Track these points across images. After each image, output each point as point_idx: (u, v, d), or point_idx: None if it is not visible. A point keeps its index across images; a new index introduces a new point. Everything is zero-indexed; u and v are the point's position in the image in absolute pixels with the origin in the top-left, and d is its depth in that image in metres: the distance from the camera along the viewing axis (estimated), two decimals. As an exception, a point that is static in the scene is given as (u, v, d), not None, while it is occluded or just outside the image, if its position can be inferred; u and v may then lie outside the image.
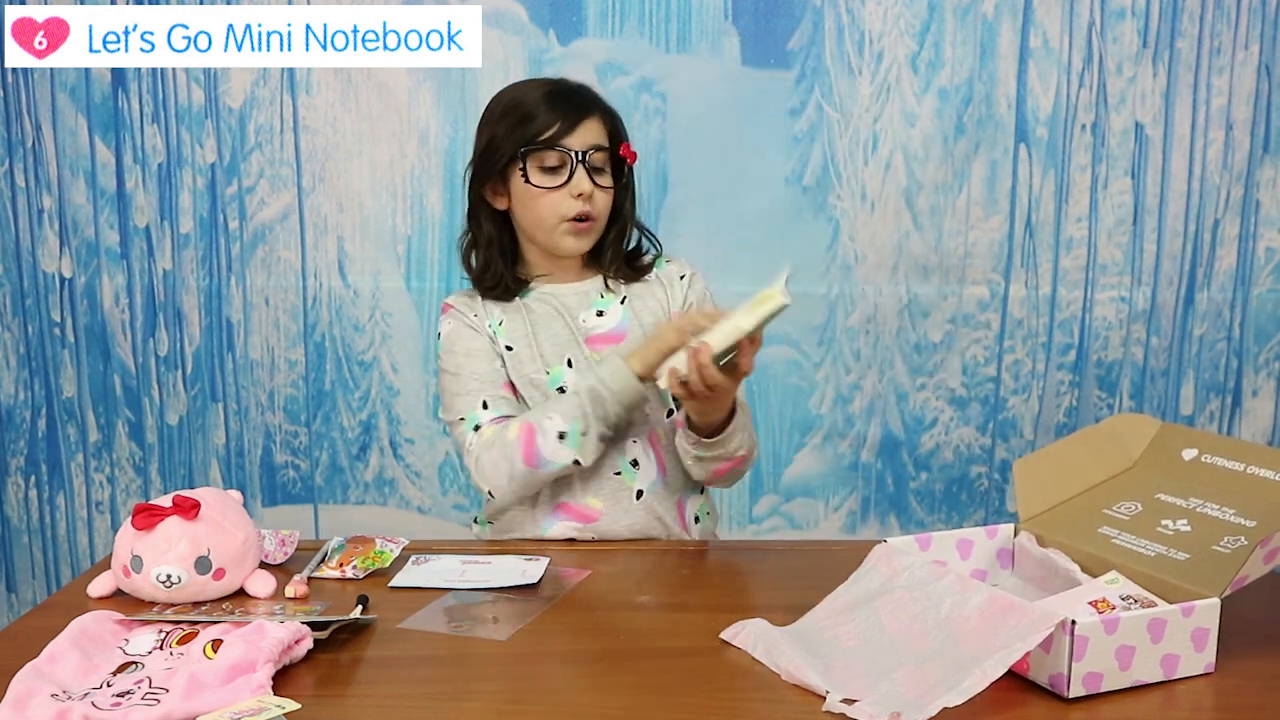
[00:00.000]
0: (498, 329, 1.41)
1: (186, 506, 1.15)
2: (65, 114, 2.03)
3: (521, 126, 1.35)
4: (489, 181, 1.39)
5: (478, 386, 1.38)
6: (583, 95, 1.40)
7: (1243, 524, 1.07)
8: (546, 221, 1.37)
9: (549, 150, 1.34)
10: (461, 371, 1.39)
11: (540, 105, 1.35)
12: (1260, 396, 2.08)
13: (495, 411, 1.37)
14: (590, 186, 1.36)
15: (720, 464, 1.35)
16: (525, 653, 1.04)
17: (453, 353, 1.41)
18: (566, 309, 1.42)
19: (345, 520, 2.11)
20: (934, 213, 2.03)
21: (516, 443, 1.32)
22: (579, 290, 1.44)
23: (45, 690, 0.93)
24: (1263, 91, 1.99)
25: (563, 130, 1.34)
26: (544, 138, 1.34)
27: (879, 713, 0.88)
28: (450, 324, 1.43)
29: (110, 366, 2.11)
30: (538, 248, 1.42)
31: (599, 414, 1.31)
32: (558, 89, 1.38)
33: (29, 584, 2.20)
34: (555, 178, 1.35)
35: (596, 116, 1.38)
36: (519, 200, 1.38)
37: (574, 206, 1.36)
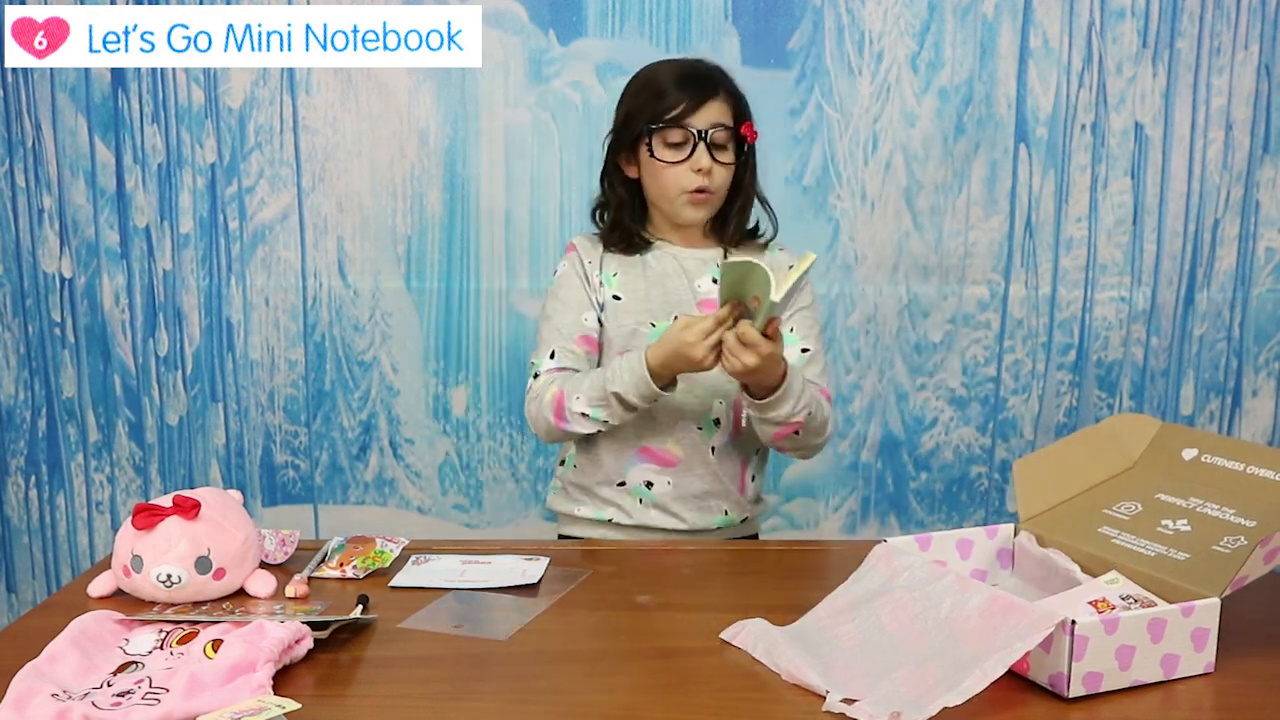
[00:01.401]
0: (609, 279, 1.51)
1: (187, 506, 1.15)
2: (65, 114, 2.03)
3: (652, 104, 1.45)
4: (622, 151, 1.49)
5: (554, 336, 1.49)
6: (711, 77, 1.48)
7: (1243, 524, 1.07)
8: (669, 192, 1.47)
9: (674, 128, 1.44)
10: (552, 317, 1.51)
11: (671, 85, 1.45)
12: (1260, 396, 2.08)
13: (557, 363, 1.48)
14: (709, 162, 1.44)
15: (776, 428, 1.41)
16: (525, 653, 1.04)
17: (554, 296, 1.52)
18: (685, 271, 1.51)
19: (345, 520, 2.11)
20: (934, 213, 2.03)
21: (550, 404, 1.44)
22: (699, 256, 1.53)
23: (45, 690, 0.93)
24: (1263, 91, 1.99)
25: (688, 109, 1.44)
26: (670, 116, 1.44)
27: (879, 713, 0.88)
28: (565, 265, 1.54)
29: (110, 366, 2.11)
30: (662, 215, 1.52)
31: (624, 408, 1.41)
32: (690, 70, 1.48)
33: (29, 584, 2.20)
34: (678, 153, 1.44)
35: (722, 97, 1.47)
36: (647, 171, 1.48)
37: (694, 180, 1.45)
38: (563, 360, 1.48)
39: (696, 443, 1.49)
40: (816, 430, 1.45)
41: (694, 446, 1.49)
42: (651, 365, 1.37)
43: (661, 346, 1.36)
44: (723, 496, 1.51)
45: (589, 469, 1.52)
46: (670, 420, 1.48)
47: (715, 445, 1.50)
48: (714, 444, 1.50)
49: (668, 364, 1.36)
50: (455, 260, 2.06)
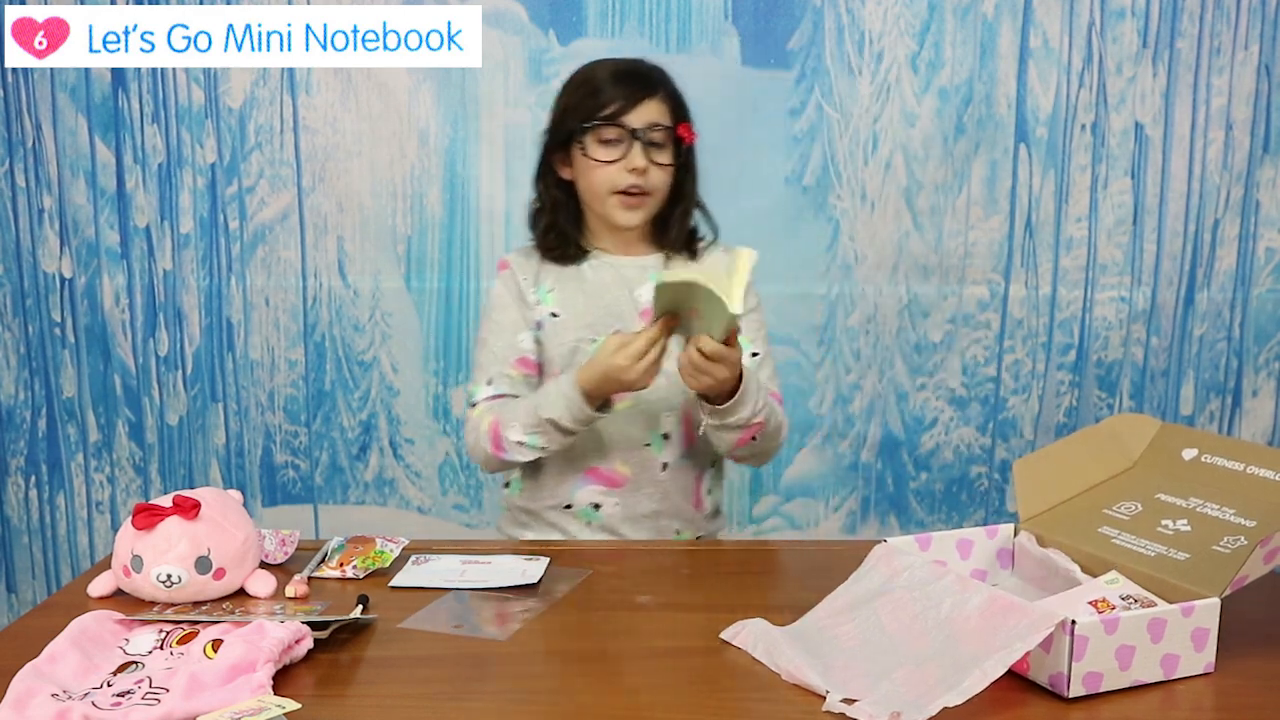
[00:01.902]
0: (545, 296, 1.47)
1: (186, 506, 1.15)
2: (65, 114, 2.03)
3: (587, 102, 1.41)
4: (557, 152, 1.45)
5: (490, 361, 1.46)
6: (650, 75, 1.44)
7: (1243, 524, 1.07)
8: (599, 192, 1.42)
9: (608, 125, 1.40)
10: (487, 342, 1.47)
11: (607, 82, 1.41)
12: (1260, 396, 2.08)
13: (494, 390, 1.44)
14: (644, 162, 1.40)
15: (738, 433, 1.36)
16: (525, 653, 1.04)
17: (487, 318, 1.49)
18: (625, 280, 1.47)
19: (345, 520, 2.11)
20: (934, 213, 2.03)
21: (487, 435, 1.41)
22: (639, 264, 1.48)
23: (45, 690, 0.93)
24: (1263, 91, 1.99)
25: (623, 107, 1.40)
26: (605, 114, 1.40)
27: (879, 713, 0.88)
28: (498, 285, 1.50)
29: (110, 366, 2.11)
30: (597, 218, 1.47)
31: (560, 433, 1.37)
32: (627, 68, 1.44)
33: (29, 584, 2.20)
34: (612, 151, 1.40)
35: (660, 96, 1.42)
36: (579, 171, 1.44)
37: (626, 179, 1.40)
38: (500, 387, 1.44)
39: (645, 460, 1.45)
40: (773, 433, 1.42)
41: (642, 465, 1.45)
42: (584, 388, 1.33)
43: (592, 369, 1.32)
44: (674, 515, 1.47)
45: (534, 492, 1.48)
46: (617, 438, 1.43)
47: (666, 461, 1.46)
48: (665, 460, 1.46)
49: (600, 387, 1.32)
50: (455, 260, 2.06)
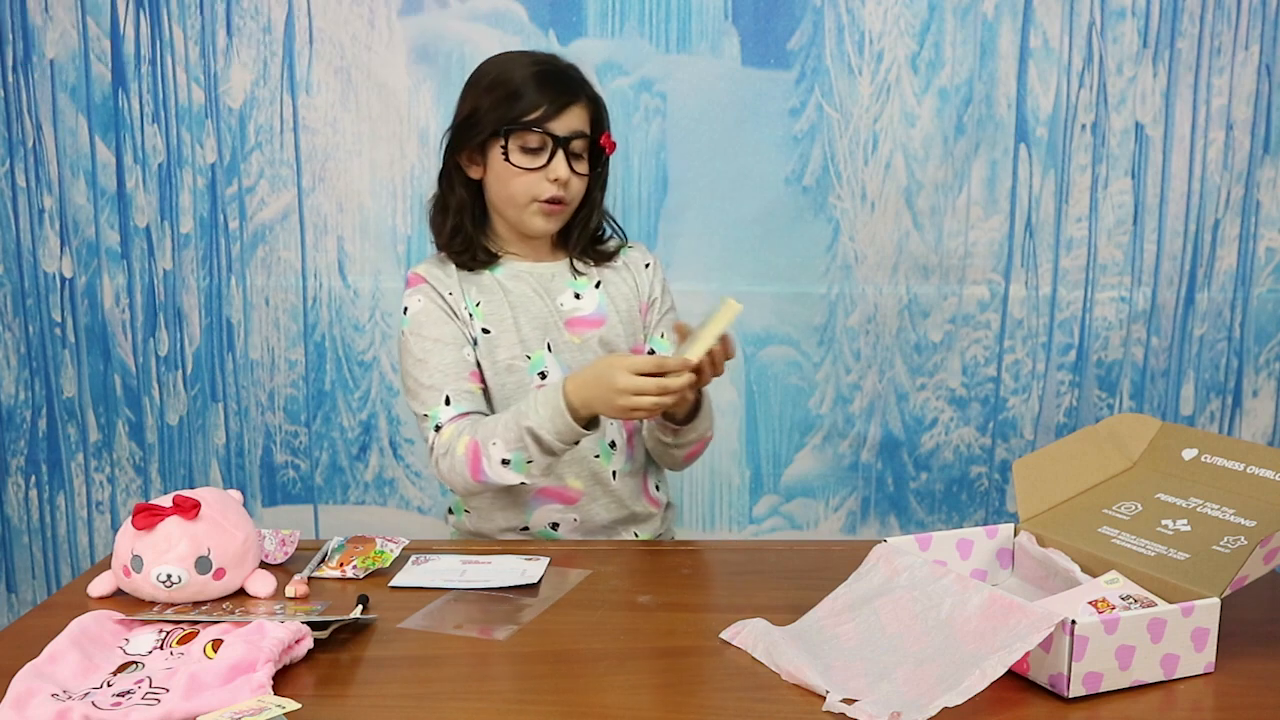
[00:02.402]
0: (475, 310, 1.41)
1: (186, 506, 1.15)
2: (65, 114, 2.03)
3: (507, 103, 1.35)
4: (466, 149, 1.40)
5: (442, 379, 1.37)
6: (571, 79, 1.39)
7: (1243, 524, 1.07)
8: (518, 200, 1.38)
9: (532, 132, 1.35)
10: (429, 360, 1.38)
11: (529, 84, 1.35)
12: (1260, 396, 2.08)
13: (456, 409, 1.36)
14: (567, 173, 1.37)
15: (691, 447, 1.41)
16: (525, 653, 1.04)
17: (420, 336, 1.39)
18: (544, 290, 1.43)
19: (345, 520, 2.11)
20: (934, 213, 2.03)
21: (465, 458, 1.32)
22: (551, 270, 1.45)
23: (45, 690, 0.93)
24: (1263, 91, 1.99)
25: (548, 114, 1.35)
26: (529, 119, 1.35)
27: (879, 713, 0.88)
28: (420, 300, 1.41)
29: (110, 366, 2.11)
30: (506, 223, 1.43)
31: (541, 450, 1.30)
32: (548, 69, 1.38)
33: (29, 584, 2.20)
34: (535, 159, 1.36)
35: (583, 103, 1.38)
36: (494, 174, 1.38)
37: (548, 189, 1.37)
38: (463, 404, 1.36)
39: (596, 472, 1.43)
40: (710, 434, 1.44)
41: (594, 477, 1.43)
42: (570, 400, 1.27)
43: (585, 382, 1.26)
44: (630, 521, 1.47)
45: (485, 516, 1.45)
46: (567, 455, 1.37)
47: (616, 469, 1.45)
48: (614, 468, 1.44)
49: (589, 403, 1.26)
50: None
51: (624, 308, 1.46)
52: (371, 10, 1.98)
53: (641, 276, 1.49)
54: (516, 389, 1.40)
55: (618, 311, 1.45)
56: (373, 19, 1.98)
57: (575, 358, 1.43)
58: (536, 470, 1.32)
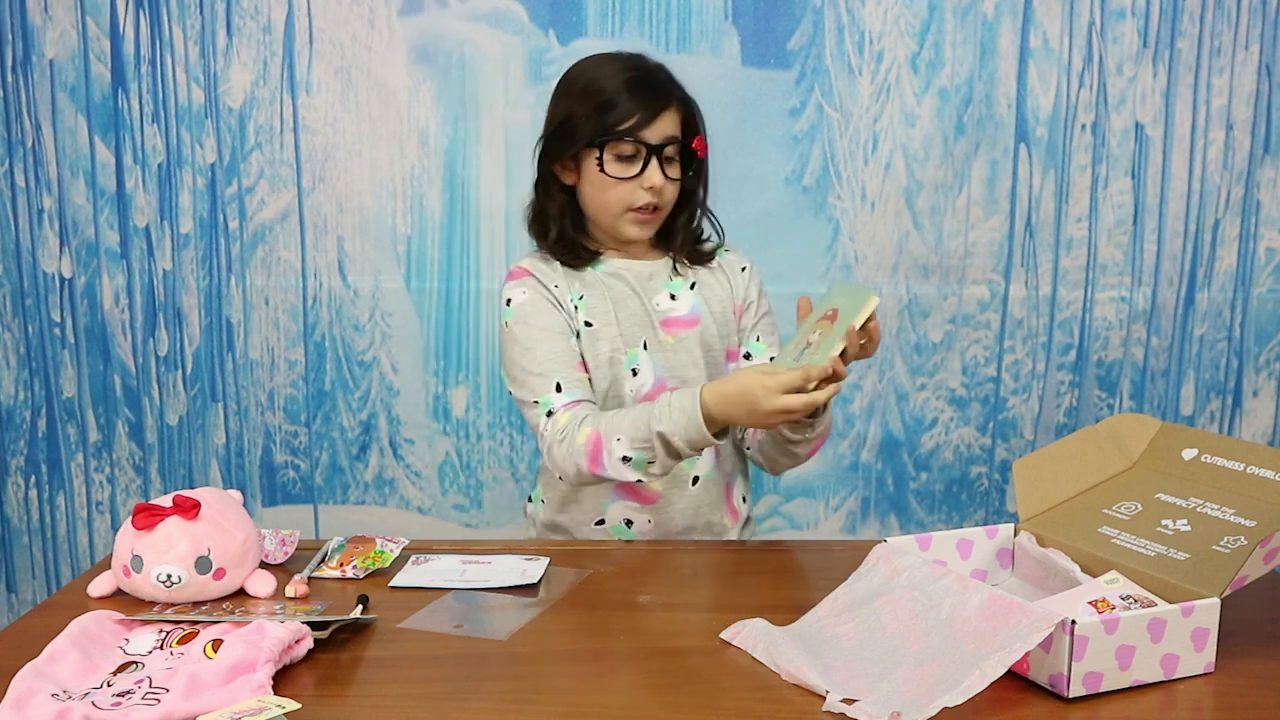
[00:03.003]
0: (579, 303, 1.42)
1: (186, 506, 1.15)
2: (65, 114, 2.03)
3: (600, 113, 1.35)
4: (560, 156, 1.40)
5: (552, 367, 1.36)
6: (662, 84, 1.40)
7: (1243, 524, 1.07)
8: (613, 208, 1.39)
9: (625, 141, 1.35)
10: (537, 348, 1.37)
11: (621, 93, 1.35)
12: (1260, 396, 2.08)
13: (569, 396, 1.35)
14: (662, 180, 1.37)
15: (816, 441, 1.38)
16: (525, 653, 1.05)
17: (528, 325, 1.39)
18: (641, 289, 1.44)
19: (345, 520, 2.11)
20: (934, 213, 2.03)
21: (584, 448, 1.31)
22: (650, 269, 1.46)
23: (45, 690, 0.93)
24: (1263, 91, 1.99)
25: (641, 122, 1.35)
26: (623, 128, 1.35)
27: (879, 713, 0.88)
28: (525, 292, 1.41)
29: (110, 366, 2.11)
30: (601, 228, 1.44)
31: (667, 453, 1.29)
32: (639, 75, 1.38)
33: (29, 584, 2.20)
34: (629, 168, 1.36)
35: (674, 107, 1.39)
36: (590, 183, 1.39)
37: (642, 198, 1.37)
38: (575, 392, 1.36)
39: (677, 474, 1.42)
40: None
41: (674, 478, 1.42)
42: (707, 407, 1.25)
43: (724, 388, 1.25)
44: (706, 530, 1.46)
45: (562, 507, 1.46)
46: None
47: (698, 475, 1.44)
48: (696, 473, 1.44)
49: (728, 416, 1.25)
50: (455, 260, 2.06)
51: (718, 309, 1.47)
52: (371, 10, 1.98)
53: (737, 280, 1.50)
54: (615, 382, 1.41)
55: (712, 313, 1.46)
56: (373, 19, 1.98)
57: (669, 357, 1.43)
58: (658, 470, 1.30)
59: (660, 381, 1.42)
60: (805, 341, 1.26)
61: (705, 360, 1.45)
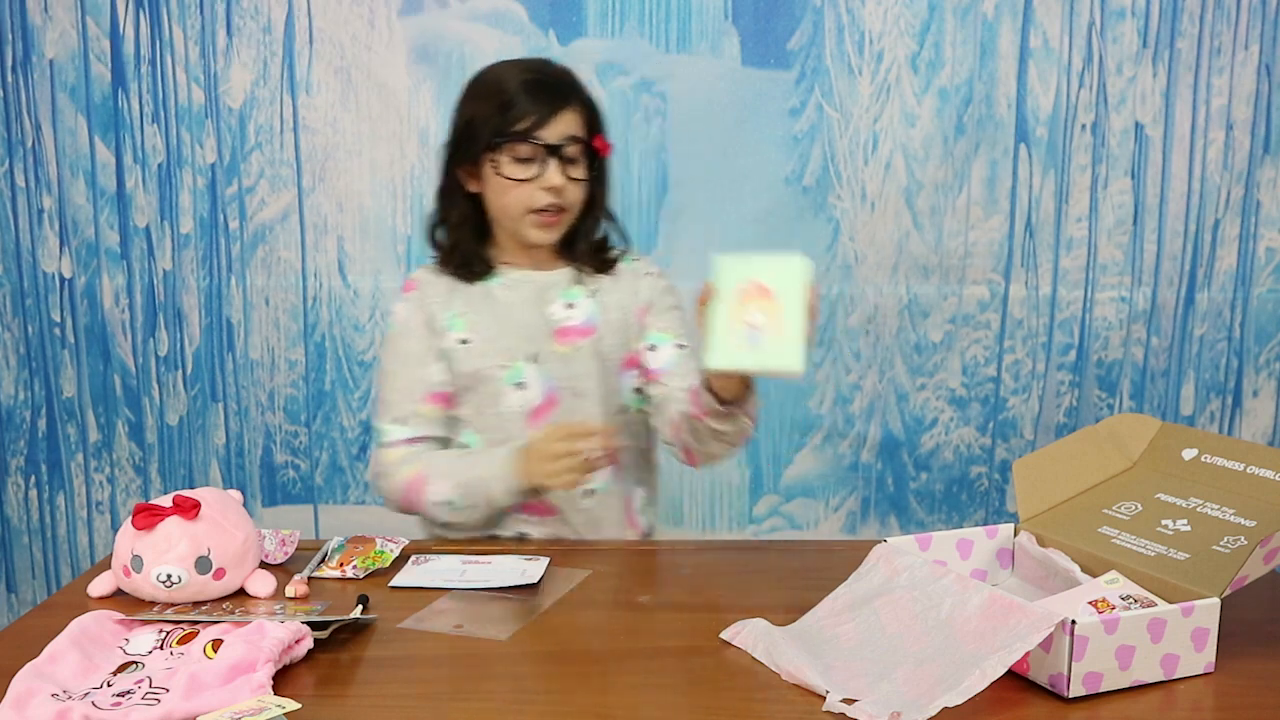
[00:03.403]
0: (455, 321, 1.40)
1: (186, 506, 1.15)
2: (65, 114, 2.03)
3: (498, 114, 1.33)
4: (462, 164, 1.39)
5: (398, 398, 1.39)
6: (562, 85, 1.37)
7: (1243, 524, 1.07)
8: (513, 211, 1.37)
9: (522, 142, 1.33)
10: (396, 375, 1.40)
11: (519, 93, 1.33)
12: (1260, 396, 2.08)
13: (407, 431, 1.38)
14: (561, 180, 1.35)
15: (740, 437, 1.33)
16: (525, 653, 1.04)
17: (392, 349, 1.42)
18: (537, 298, 1.42)
19: (345, 520, 2.11)
20: (934, 213, 2.03)
21: (402, 486, 1.36)
22: (550, 279, 1.43)
23: (45, 690, 0.93)
24: (1263, 91, 1.99)
25: (538, 122, 1.33)
26: (518, 129, 1.33)
27: (879, 712, 0.88)
28: (404, 310, 1.42)
29: (110, 366, 2.11)
30: (507, 234, 1.41)
31: (485, 501, 1.33)
32: (539, 77, 1.36)
33: (29, 584, 2.20)
34: (527, 169, 1.34)
35: (574, 107, 1.36)
36: (490, 187, 1.37)
37: (543, 199, 1.35)
38: (415, 428, 1.38)
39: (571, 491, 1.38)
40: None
41: (568, 494, 1.39)
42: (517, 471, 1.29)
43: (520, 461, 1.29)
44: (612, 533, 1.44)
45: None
46: None
47: (595, 488, 1.41)
48: (593, 486, 1.40)
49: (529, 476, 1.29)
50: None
51: (616, 317, 1.44)
52: (371, 10, 1.98)
53: (642, 283, 1.47)
54: (493, 398, 1.39)
55: (609, 321, 1.43)
56: (373, 19, 1.98)
57: (562, 368, 1.41)
58: (478, 516, 1.35)
59: (552, 392, 1.40)
60: (744, 325, 1.13)
61: (600, 370, 1.42)
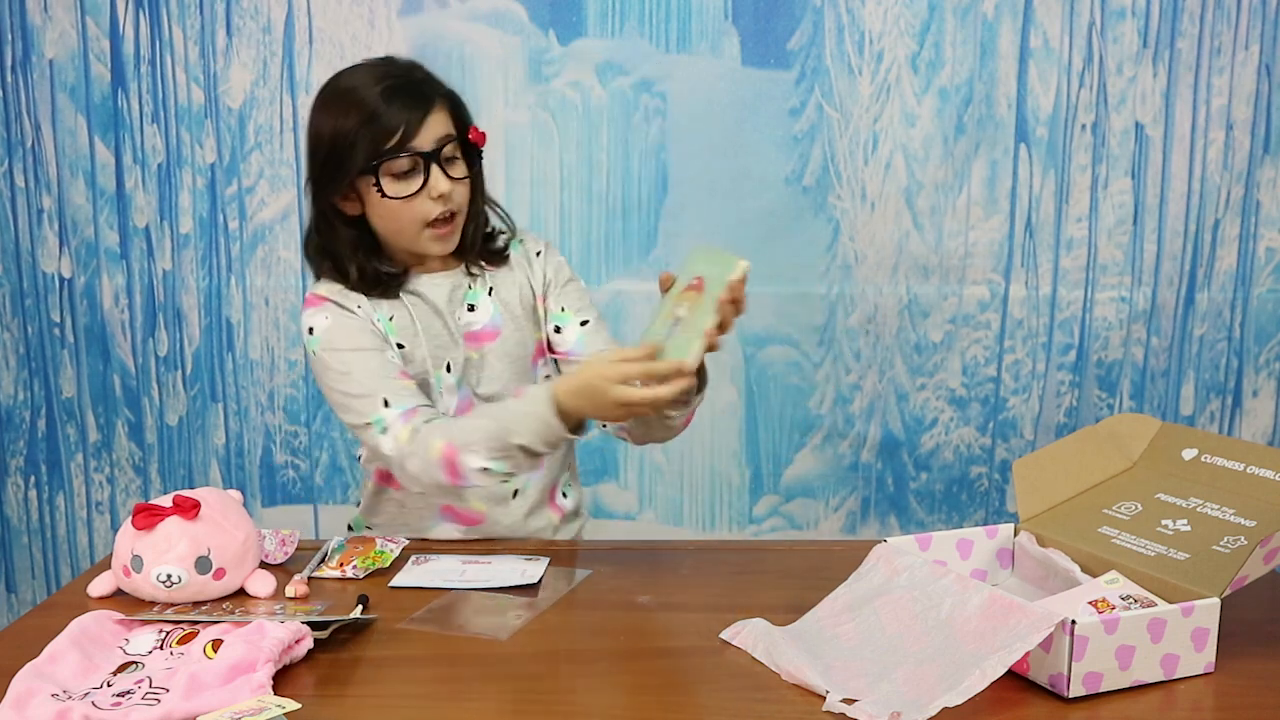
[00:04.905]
0: (388, 325, 1.34)
1: (186, 506, 1.15)
2: (65, 114, 2.03)
3: (365, 132, 1.24)
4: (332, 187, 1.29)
5: (374, 385, 1.28)
6: (421, 84, 1.30)
7: (1243, 524, 1.07)
8: (407, 230, 1.30)
9: (398, 158, 1.25)
10: (353, 370, 1.29)
11: (381, 104, 1.24)
12: (1260, 396, 2.08)
13: (400, 406, 1.27)
14: (448, 185, 1.28)
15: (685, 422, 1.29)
16: (525, 653, 1.04)
17: (337, 350, 1.30)
18: (442, 306, 1.36)
19: (345, 520, 2.10)
20: (934, 213, 2.03)
21: (440, 464, 1.24)
22: (449, 284, 1.37)
23: (45, 690, 0.93)
24: (1263, 91, 1.99)
25: (409, 131, 1.25)
26: (391, 144, 1.25)
27: (879, 712, 0.88)
28: (327, 317, 1.31)
29: (110, 366, 2.10)
30: (401, 249, 1.35)
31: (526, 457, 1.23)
32: (396, 81, 1.27)
33: (29, 584, 2.20)
34: (410, 184, 1.27)
35: (440, 104, 1.29)
36: (375, 210, 1.29)
37: (434, 209, 1.28)
38: (404, 401, 1.28)
39: (496, 493, 1.38)
40: None
41: (495, 498, 1.38)
42: (560, 404, 1.18)
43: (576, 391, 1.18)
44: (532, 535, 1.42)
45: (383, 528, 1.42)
46: None
47: (518, 489, 1.40)
48: (516, 488, 1.39)
49: (581, 411, 1.19)
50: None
51: (519, 313, 1.40)
52: (371, 10, 1.98)
53: (534, 267, 1.42)
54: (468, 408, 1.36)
55: (513, 318, 1.39)
56: (373, 19, 1.98)
57: (474, 373, 1.37)
58: (518, 471, 1.26)
59: (466, 399, 1.37)
60: (673, 316, 1.16)
61: (511, 371, 1.39)
